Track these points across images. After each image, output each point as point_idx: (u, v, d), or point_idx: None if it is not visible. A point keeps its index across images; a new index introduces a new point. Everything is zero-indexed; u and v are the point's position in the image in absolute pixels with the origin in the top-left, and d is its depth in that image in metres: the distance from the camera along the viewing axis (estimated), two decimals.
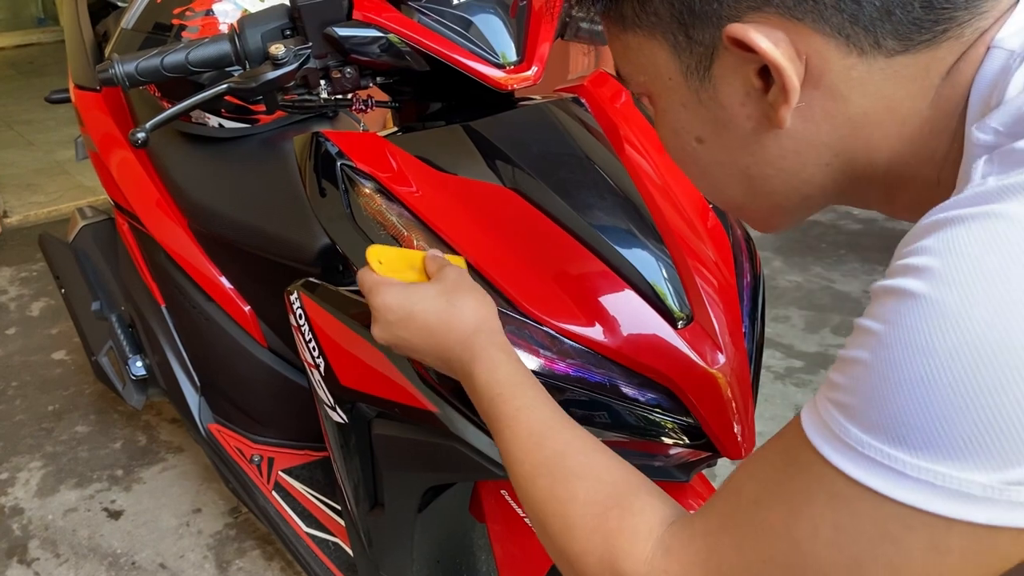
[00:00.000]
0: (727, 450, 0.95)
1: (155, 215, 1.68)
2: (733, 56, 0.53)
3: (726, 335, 0.95)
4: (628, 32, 0.58)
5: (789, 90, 0.51)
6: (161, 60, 0.99)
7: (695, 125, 0.59)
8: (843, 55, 0.50)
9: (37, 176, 4.11)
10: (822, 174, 0.57)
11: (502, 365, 0.75)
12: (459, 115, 1.07)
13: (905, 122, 0.52)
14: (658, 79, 0.59)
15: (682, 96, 0.58)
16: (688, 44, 0.55)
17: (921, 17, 0.49)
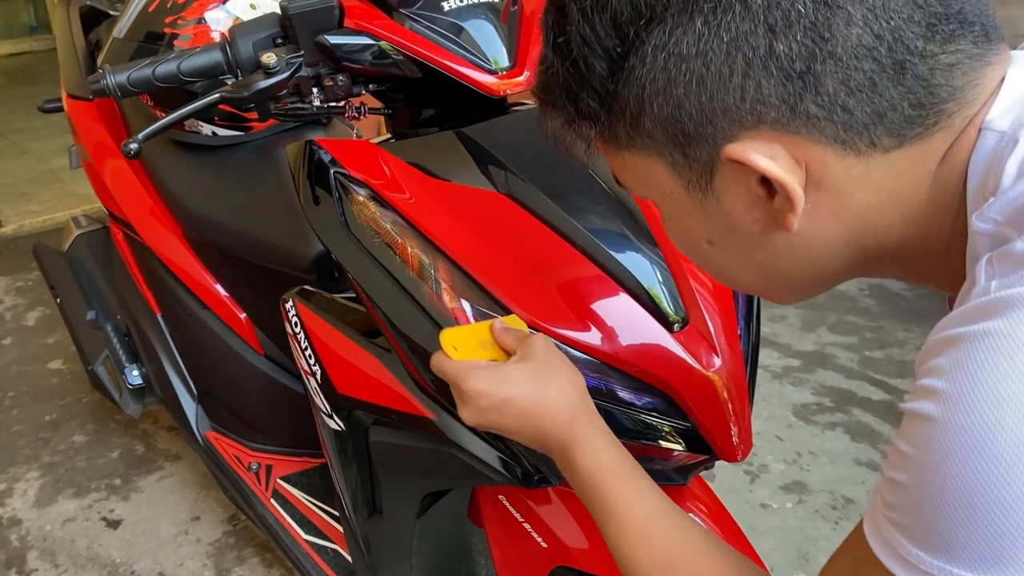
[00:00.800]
0: (724, 453, 0.95)
1: (149, 224, 1.68)
2: (733, 170, 0.54)
3: (721, 337, 0.95)
4: (624, 151, 0.59)
5: (794, 199, 0.52)
6: (153, 70, 0.99)
7: (703, 231, 0.60)
8: (841, 158, 0.52)
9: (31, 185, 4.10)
10: (835, 261, 0.58)
11: (603, 452, 0.75)
12: (452, 121, 1.07)
13: (908, 207, 0.54)
14: (660, 192, 0.60)
15: (686, 207, 0.59)
16: (686, 162, 0.56)
17: (912, 115, 0.50)
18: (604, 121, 0.58)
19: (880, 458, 2.16)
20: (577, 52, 0.55)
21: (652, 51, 0.52)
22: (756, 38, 0.49)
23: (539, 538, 1.06)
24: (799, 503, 2.02)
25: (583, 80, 0.56)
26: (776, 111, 0.50)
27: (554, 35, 0.57)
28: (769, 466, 2.15)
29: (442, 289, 0.91)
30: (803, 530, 1.94)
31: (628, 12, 0.52)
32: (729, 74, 0.50)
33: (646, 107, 0.54)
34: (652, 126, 0.55)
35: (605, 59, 0.54)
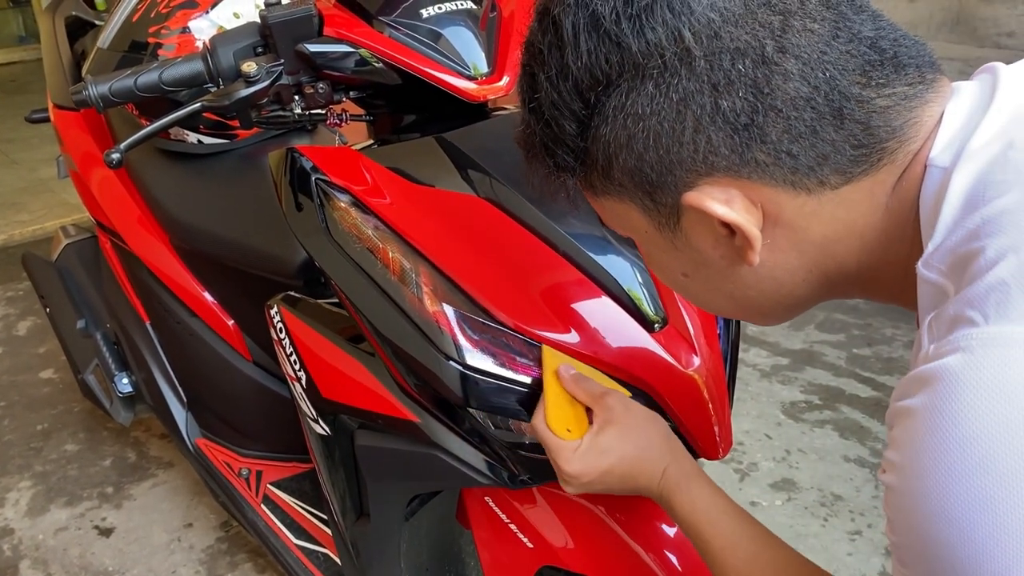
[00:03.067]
0: (705, 451, 0.96)
1: (137, 232, 1.69)
2: (696, 213, 0.57)
3: (701, 337, 0.96)
4: (602, 197, 0.63)
5: (751, 239, 0.56)
6: (135, 80, 1.00)
7: (677, 265, 0.65)
8: (793, 196, 0.56)
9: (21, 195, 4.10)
10: (800, 288, 0.62)
11: (698, 500, 0.82)
12: (433, 126, 1.08)
13: (864, 236, 0.57)
14: (637, 232, 0.64)
15: (660, 245, 0.63)
16: (655, 206, 0.60)
17: (855, 155, 0.54)
18: (580, 172, 0.62)
19: (869, 455, 2.17)
20: (548, 115, 0.59)
21: (612, 112, 0.56)
22: (702, 97, 0.53)
23: (525, 539, 1.07)
24: (788, 500, 2.04)
25: (556, 138, 0.60)
26: (727, 160, 0.55)
27: (528, 98, 0.62)
28: (759, 464, 2.16)
29: (423, 293, 0.92)
30: (792, 527, 1.95)
31: (587, 79, 0.56)
32: (681, 130, 0.55)
33: (613, 161, 0.59)
34: (621, 176, 0.59)
35: (573, 120, 0.59)
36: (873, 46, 0.54)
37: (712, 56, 0.53)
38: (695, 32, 0.53)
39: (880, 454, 2.17)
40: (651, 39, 0.53)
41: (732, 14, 0.53)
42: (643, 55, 0.54)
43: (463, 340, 0.90)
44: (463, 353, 0.90)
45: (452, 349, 0.90)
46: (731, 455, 2.16)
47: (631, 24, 0.54)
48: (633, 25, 0.54)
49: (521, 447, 0.95)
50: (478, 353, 0.91)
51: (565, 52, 0.56)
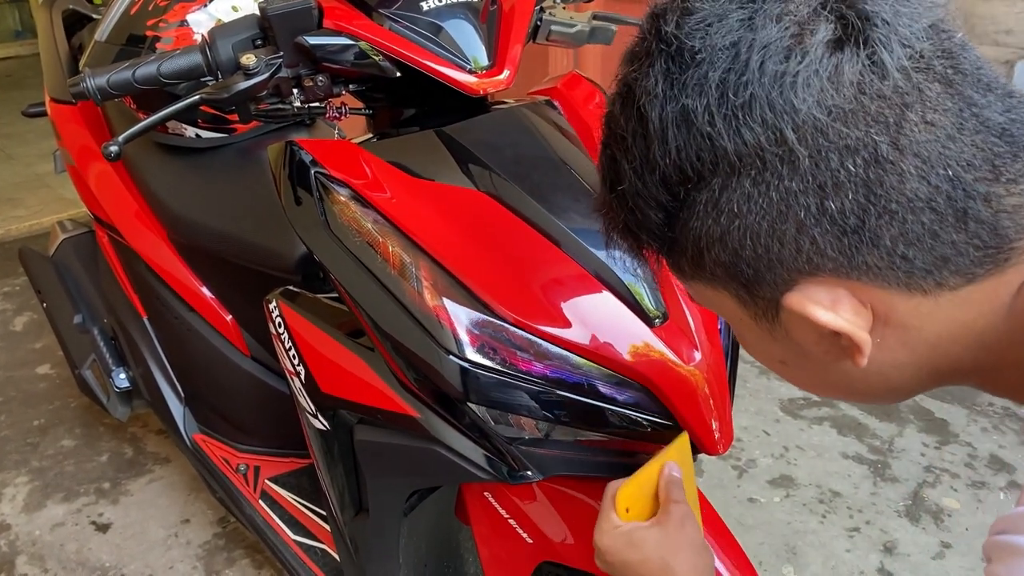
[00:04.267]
0: (705, 446, 0.95)
1: (134, 227, 1.68)
2: (794, 314, 0.53)
3: (702, 332, 0.96)
4: (691, 280, 0.59)
5: (860, 344, 0.52)
6: (133, 73, 0.99)
7: (775, 352, 0.60)
8: (907, 298, 0.51)
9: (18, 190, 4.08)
10: (910, 383, 0.58)
11: None
12: (433, 120, 1.07)
13: (983, 336, 0.53)
14: (729, 317, 0.60)
15: (757, 333, 0.59)
16: (751, 298, 0.55)
17: (979, 257, 0.49)
18: (667, 257, 0.58)
19: (867, 451, 2.17)
20: (632, 203, 0.55)
21: (704, 207, 0.52)
22: (806, 197, 0.49)
23: (525, 534, 1.07)
24: (787, 497, 2.04)
25: (640, 224, 0.56)
26: (833, 262, 0.50)
27: (609, 181, 0.57)
28: (757, 461, 2.16)
29: (423, 287, 0.92)
30: (791, 524, 1.95)
31: (676, 175, 0.52)
32: (782, 230, 0.50)
33: (705, 253, 0.54)
34: (713, 267, 0.55)
35: (660, 211, 0.54)
36: (1004, 134, 0.48)
37: (818, 155, 0.48)
38: (798, 131, 0.47)
39: (878, 450, 2.17)
40: (749, 139, 0.48)
41: (841, 110, 0.47)
42: (739, 155, 0.49)
43: (463, 335, 0.90)
44: (463, 348, 0.90)
45: (452, 344, 0.90)
46: (729, 452, 2.16)
47: (726, 123, 0.49)
48: (728, 124, 0.49)
49: (521, 442, 0.95)
50: (478, 348, 0.90)
51: (651, 145, 0.52)
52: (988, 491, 2.04)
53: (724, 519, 1.04)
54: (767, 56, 0.47)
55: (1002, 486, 2.06)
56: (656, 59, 0.51)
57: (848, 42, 0.47)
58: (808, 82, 0.47)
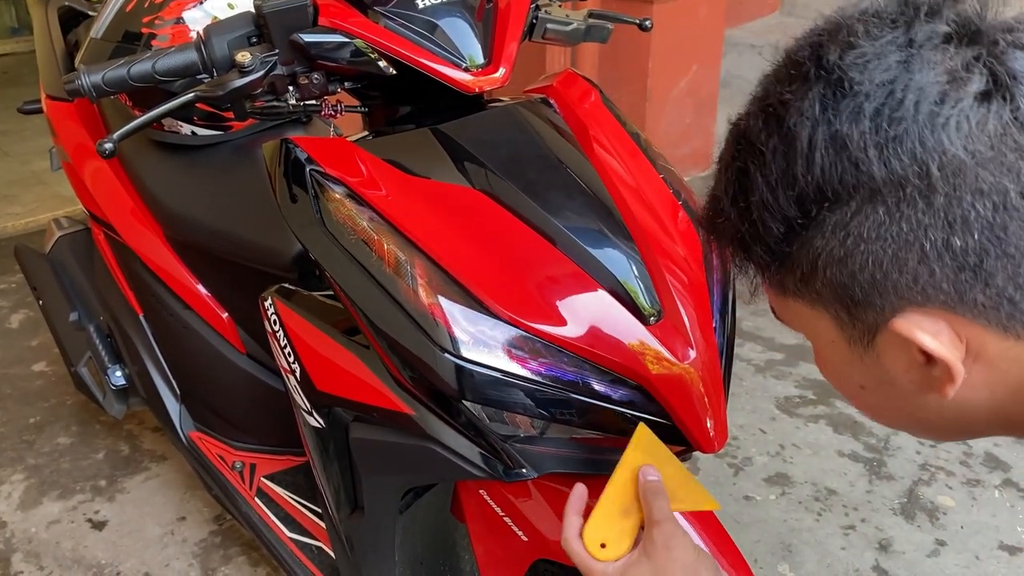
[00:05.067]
0: (700, 444, 0.96)
1: (130, 224, 1.68)
2: (898, 338, 0.56)
3: (696, 331, 0.96)
4: (789, 298, 0.61)
5: (954, 374, 0.55)
6: (128, 70, 0.99)
7: (858, 377, 0.63)
8: (1001, 339, 0.54)
9: (13, 187, 4.07)
10: (979, 425, 0.61)
11: None
12: (429, 118, 1.07)
13: None
14: (819, 338, 0.62)
15: (845, 356, 0.61)
16: (851, 320, 0.58)
17: None
18: (773, 272, 0.60)
19: (863, 450, 2.18)
20: (757, 215, 0.57)
21: (832, 228, 0.54)
22: (935, 231, 0.52)
23: (520, 532, 1.07)
24: (782, 495, 2.04)
25: (758, 237, 0.58)
26: (945, 295, 0.53)
27: (734, 191, 0.59)
28: (753, 459, 2.16)
29: (418, 285, 0.92)
30: (786, 522, 1.95)
31: (813, 193, 0.54)
32: (904, 259, 0.53)
33: (818, 272, 0.57)
34: (822, 287, 0.57)
35: (783, 225, 0.56)
36: None
37: (953, 193, 0.51)
38: (942, 168, 0.51)
39: (874, 448, 2.17)
40: (896, 168, 0.51)
41: (982, 156, 0.50)
42: (883, 182, 0.52)
43: (458, 332, 0.90)
44: (458, 345, 0.90)
45: (447, 341, 0.90)
46: (725, 450, 2.16)
47: (877, 151, 0.52)
48: (880, 152, 0.52)
49: (516, 439, 0.95)
50: (473, 345, 0.90)
51: (794, 163, 0.54)
52: (983, 489, 2.05)
53: (720, 517, 1.04)
54: (922, 97, 0.51)
55: (997, 484, 2.06)
56: (814, 84, 0.54)
57: (996, 96, 0.51)
58: (958, 125, 0.50)
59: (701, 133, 3.84)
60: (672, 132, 3.68)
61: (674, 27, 3.42)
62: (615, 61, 3.45)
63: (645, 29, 1.33)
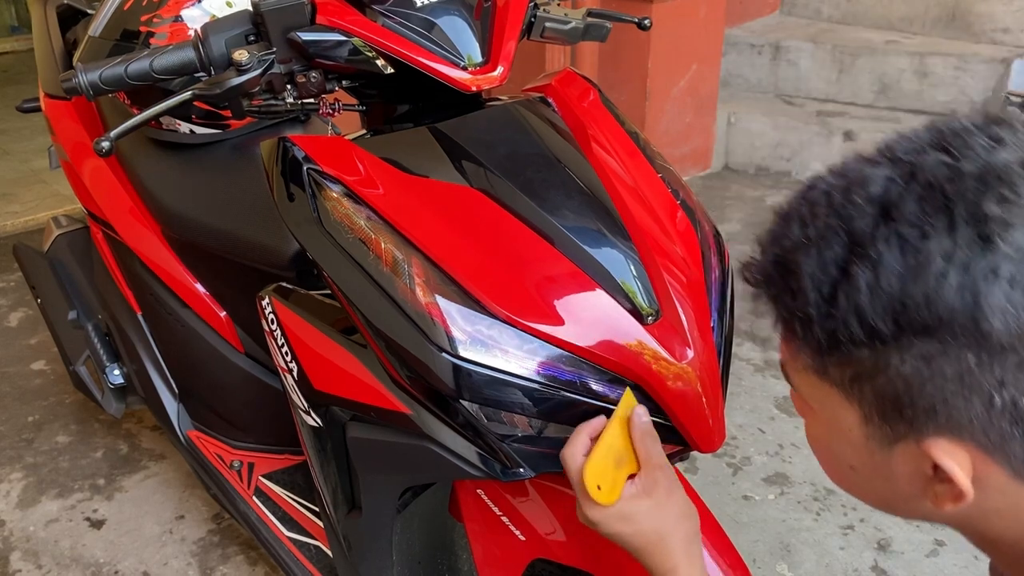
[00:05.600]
0: (697, 444, 0.95)
1: (128, 223, 1.68)
2: (921, 451, 0.58)
3: (694, 330, 0.96)
4: (824, 382, 0.61)
5: (964, 499, 0.57)
6: (125, 68, 0.99)
7: (855, 461, 0.64)
8: (1008, 480, 0.57)
9: (12, 186, 4.07)
10: (951, 524, 0.64)
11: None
12: (427, 117, 1.07)
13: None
14: (834, 425, 0.63)
15: (854, 446, 0.63)
16: (881, 424, 0.59)
17: None
18: (822, 357, 0.60)
19: None
20: (842, 314, 0.56)
21: (916, 354, 0.55)
22: (1010, 389, 0.53)
23: (517, 531, 1.07)
24: (781, 495, 2.04)
25: (830, 329, 0.57)
26: (988, 439, 0.55)
27: (825, 281, 0.57)
28: (751, 458, 2.16)
29: (416, 284, 0.92)
30: (785, 521, 1.95)
31: (918, 322, 0.54)
32: (968, 401, 0.54)
33: (875, 380, 0.57)
34: (870, 390, 0.58)
35: (866, 332, 0.56)
36: None
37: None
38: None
39: None
40: (1011, 331, 0.52)
41: None
42: (991, 339, 0.52)
43: (456, 332, 0.90)
44: (456, 345, 0.90)
45: (445, 341, 0.90)
46: (724, 449, 2.16)
47: (1002, 314, 0.52)
48: (1003, 316, 0.52)
49: (513, 439, 0.94)
50: (471, 345, 0.90)
51: (911, 290, 0.53)
52: None
53: (718, 517, 1.04)
54: None
55: None
56: (961, 227, 0.53)
57: None
58: None
59: (701, 132, 3.84)
60: (672, 131, 3.68)
61: (674, 26, 3.42)
62: (615, 60, 3.45)
63: (644, 28, 1.33)
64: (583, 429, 0.88)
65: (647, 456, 0.87)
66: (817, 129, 3.81)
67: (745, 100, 4.12)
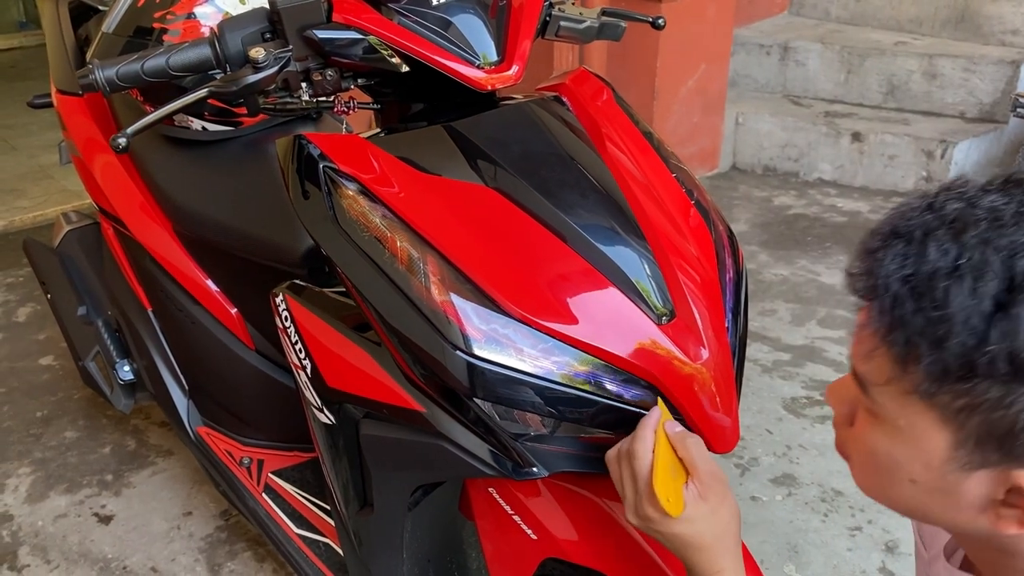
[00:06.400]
0: (712, 444, 0.95)
1: (140, 219, 1.68)
2: (1000, 475, 0.59)
3: (709, 330, 0.96)
4: (922, 401, 0.61)
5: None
6: (141, 65, 0.99)
7: (921, 476, 0.64)
8: None
9: (21, 181, 4.08)
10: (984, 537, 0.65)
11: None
12: (441, 115, 1.07)
13: None
14: (911, 441, 0.63)
15: (927, 464, 0.63)
16: (974, 449, 0.59)
17: None
18: (939, 382, 0.59)
19: None
20: (990, 347, 0.56)
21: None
22: None
23: (529, 530, 1.06)
24: (789, 496, 2.03)
25: (967, 358, 0.57)
26: None
27: (972, 312, 0.56)
28: (759, 459, 2.16)
29: (431, 283, 0.92)
30: (793, 523, 1.95)
31: None
32: None
33: (992, 413, 0.57)
34: (978, 422, 0.58)
35: (1011, 369, 0.55)
36: None
37: None
38: None
39: None
40: None
41: None
42: None
43: (471, 330, 0.90)
44: (470, 343, 0.90)
45: (459, 339, 0.90)
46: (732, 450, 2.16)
47: None
48: None
49: (526, 438, 0.94)
50: (485, 343, 0.90)
51: None
52: None
53: None
54: None
55: None
56: None
57: None
58: None
59: (709, 132, 3.83)
60: (680, 131, 3.68)
61: (683, 26, 3.41)
62: (623, 59, 3.44)
63: (658, 27, 1.33)
64: (647, 423, 0.89)
65: (696, 462, 0.87)
66: (825, 130, 3.80)
67: (753, 100, 4.12)
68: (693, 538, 0.85)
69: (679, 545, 0.86)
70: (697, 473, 0.87)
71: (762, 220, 3.50)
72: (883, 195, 3.72)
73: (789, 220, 3.51)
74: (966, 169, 3.63)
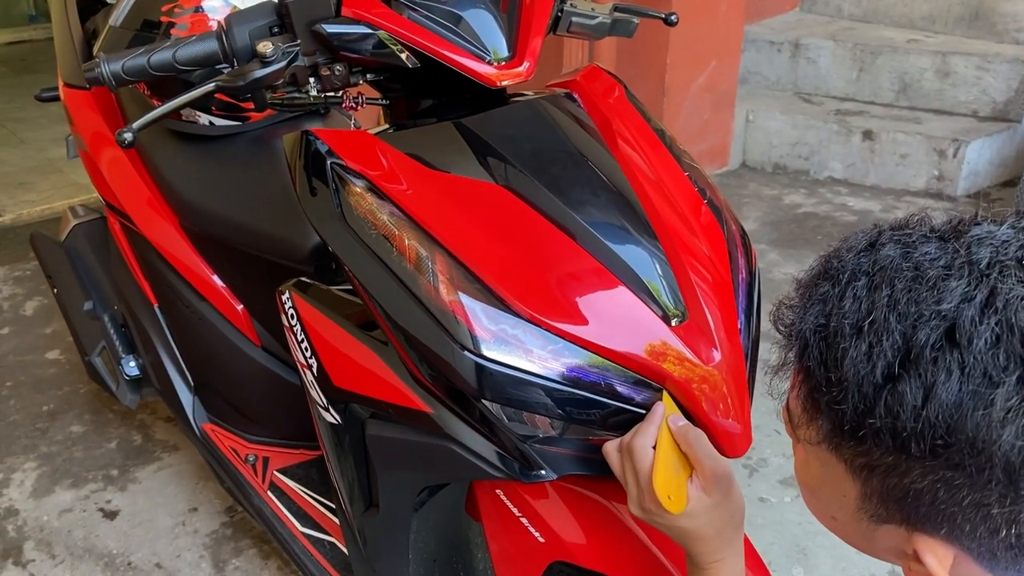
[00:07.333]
0: (723, 448, 0.94)
1: (146, 214, 1.67)
2: (906, 535, 0.59)
3: (721, 331, 0.94)
4: (833, 453, 0.61)
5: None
6: (148, 59, 0.98)
7: (839, 515, 0.65)
8: (982, 573, 0.57)
9: (30, 174, 4.08)
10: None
11: None
12: (451, 112, 1.06)
13: None
14: (828, 482, 0.63)
15: (843, 507, 0.63)
16: (877, 506, 0.60)
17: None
18: (839, 438, 0.59)
19: None
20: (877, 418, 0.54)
21: (938, 477, 0.54)
22: (1020, 527, 0.53)
23: (536, 533, 1.05)
24: (797, 497, 2.02)
25: (857, 422, 0.56)
26: (978, 552, 0.56)
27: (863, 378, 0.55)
28: (768, 460, 2.14)
29: (439, 282, 0.90)
30: (801, 524, 1.93)
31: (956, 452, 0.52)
32: (975, 526, 0.54)
33: (888, 477, 0.57)
34: (878, 482, 0.58)
35: (894, 444, 0.54)
36: None
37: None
38: None
39: None
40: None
41: None
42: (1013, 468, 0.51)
43: (479, 330, 0.89)
44: (479, 344, 0.88)
45: (468, 339, 0.88)
46: None
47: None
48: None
49: (534, 440, 0.93)
50: (494, 344, 0.89)
51: (970, 417, 0.51)
52: None
53: None
54: None
55: None
56: None
57: None
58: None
59: (718, 129, 3.81)
60: (689, 128, 3.65)
61: (693, 22, 3.39)
62: (633, 56, 3.42)
63: (671, 24, 1.31)
64: (652, 419, 0.89)
65: (700, 457, 0.87)
66: (836, 128, 3.77)
67: (764, 97, 4.09)
68: (695, 530, 0.86)
69: (680, 535, 0.87)
70: (700, 468, 0.87)
71: (772, 219, 3.48)
72: (894, 194, 3.69)
73: (799, 219, 3.49)
74: (979, 168, 3.60)
